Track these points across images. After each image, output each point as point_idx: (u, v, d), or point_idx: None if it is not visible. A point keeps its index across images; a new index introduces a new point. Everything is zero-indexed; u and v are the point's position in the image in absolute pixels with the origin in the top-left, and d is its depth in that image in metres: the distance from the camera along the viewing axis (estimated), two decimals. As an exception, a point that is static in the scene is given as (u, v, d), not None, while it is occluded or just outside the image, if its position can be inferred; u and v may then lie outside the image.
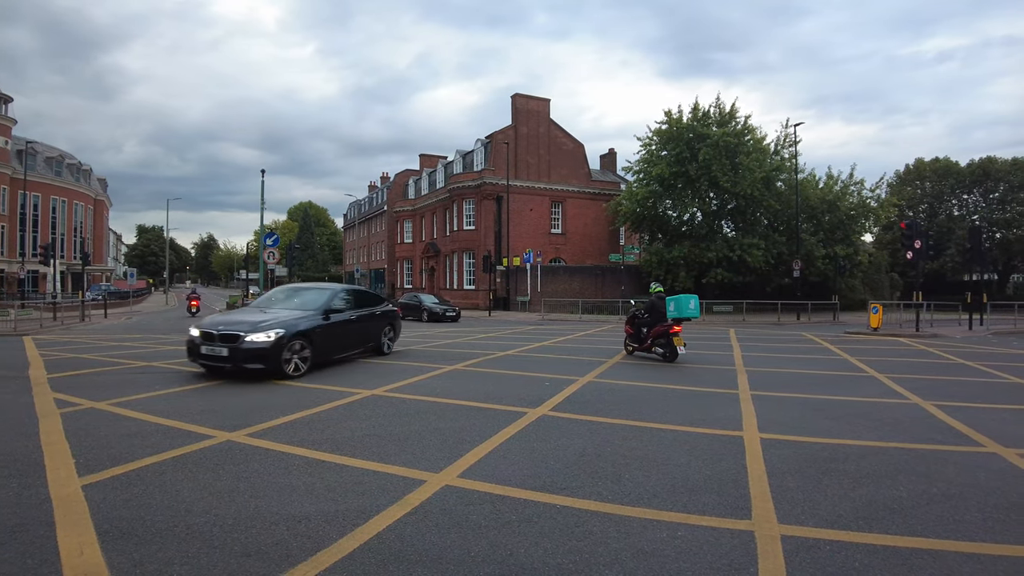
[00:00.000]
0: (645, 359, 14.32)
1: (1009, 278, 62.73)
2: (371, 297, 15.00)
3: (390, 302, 16.04)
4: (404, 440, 6.57)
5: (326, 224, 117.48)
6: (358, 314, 13.48)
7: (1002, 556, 3.93)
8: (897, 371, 12.76)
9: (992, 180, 59.50)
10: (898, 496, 5.03)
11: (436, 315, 31.34)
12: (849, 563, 3.77)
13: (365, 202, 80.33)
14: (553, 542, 4.00)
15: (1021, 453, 6.40)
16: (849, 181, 42.05)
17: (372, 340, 14.03)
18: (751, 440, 6.81)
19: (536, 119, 47.55)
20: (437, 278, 53.27)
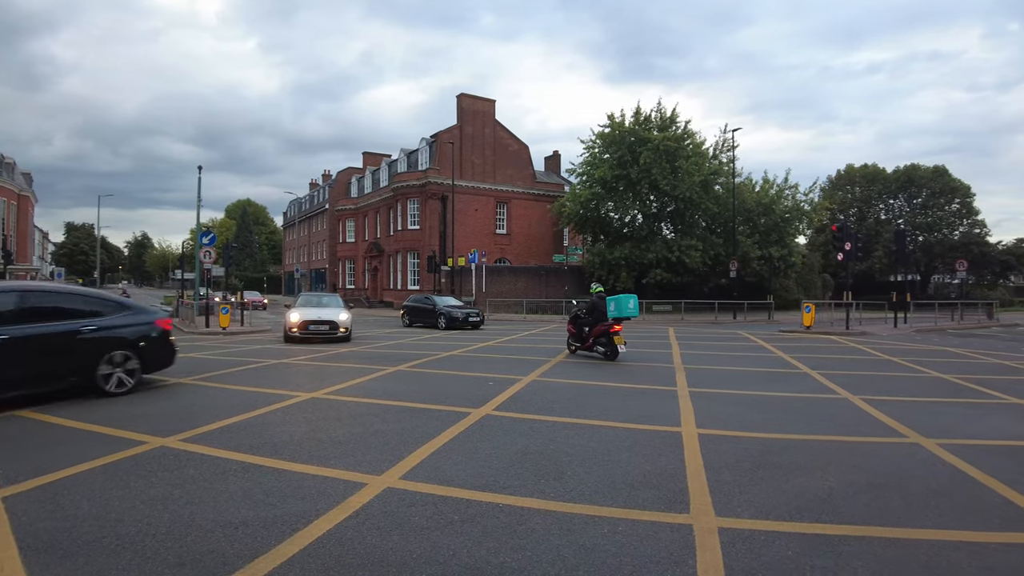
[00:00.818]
0: (587, 358, 14.53)
1: (930, 279, 66.10)
2: (72, 300, 9.54)
3: (134, 309, 10.17)
4: (345, 443, 6.51)
5: (265, 223, 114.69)
6: (26, 333, 8.36)
7: (923, 540, 4.18)
8: (828, 368, 13.31)
9: (916, 186, 62.78)
10: (828, 487, 5.27)
11: (456, 321, 25.11)
12: (783, 552, 3.93)
13: (306, 200, 78.66)
14: (496, 541, 4.04)
15: (940, 443, 6.79)
16: (784, 185, 43.63)
17: (69, 372, 8.87)
18: (689, 436, 7.01)
19: (482, 119, 47.57)
20: (380, 278, 52.69)
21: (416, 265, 46.33)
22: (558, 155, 58.37)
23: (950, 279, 63.74)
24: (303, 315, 18.58)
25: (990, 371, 13.21)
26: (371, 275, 55.13)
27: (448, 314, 25.50)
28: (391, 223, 50.22)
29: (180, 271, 41.13)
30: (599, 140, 40.89)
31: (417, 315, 27.61)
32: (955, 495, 5.10)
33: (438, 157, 45.38)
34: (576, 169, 42.72)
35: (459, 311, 25.82)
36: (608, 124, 40.41)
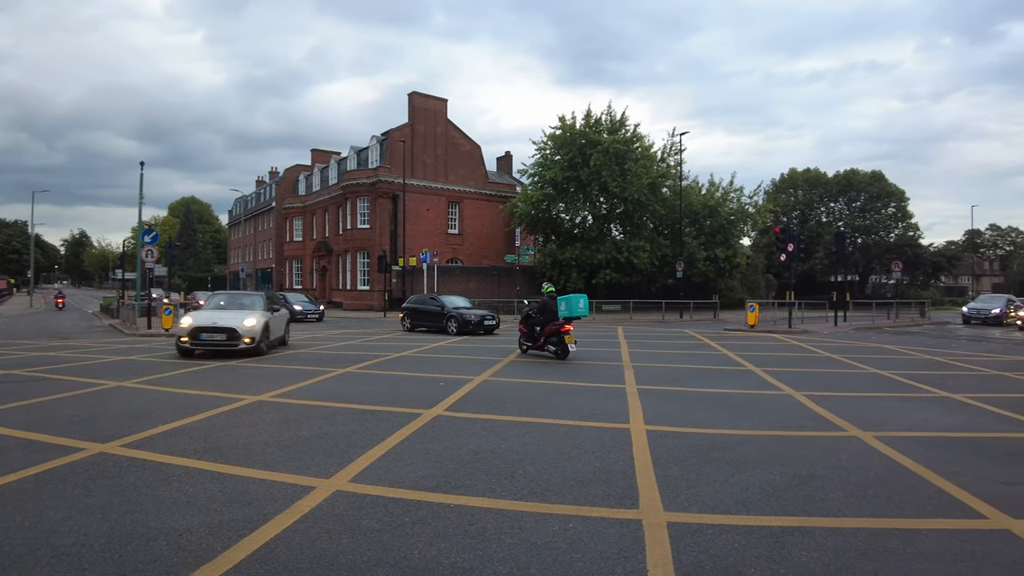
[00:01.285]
0: (538, 357, 14.61)
1: (868, 279, 68.70)
2: None
3: None
4: (292, 446, 6.39)
5: (210, 221, 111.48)
6: None
7: (861, 528, 4.36)
8: (772, 365, 13.71)
9: (855, 190, 65.22)
10: (772, 480, 5.44)
11: (468, 325, 22.00)
12: (730, 545, 4.03)
13: (252, 198, 76.74)
14: (447, 541, 4.03)
15: (877, 436, 7.08)
16: (729, 188, 44.77)
17: None
18: (638, 432, 7.12)
19: (434, 118, 47.28)
20: (329, 278, 51.84)
21: (366, 265, 45.73)
22: (510, 156, 58.48)
23: (886, 279, 66.40)
24: (196, 320, 14.51)
25: (922, 367, 13.83)
26: (319, 275, 54.19)
27: (460, 317, 22.20)
28: (340, 222, 49.44)
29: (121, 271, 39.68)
30: (550, 142, 41.16)
31: (421, 318, 24.19)
32: (890, 485, 5.32)
33: (389, 155, 44.91)
34: (528, 170, 42.91)
35: (472, 313, 22.57)
36: (559, 126, 40.71)
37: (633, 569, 3.66)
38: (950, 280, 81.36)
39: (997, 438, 7.23)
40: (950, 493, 5.11)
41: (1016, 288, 69.86)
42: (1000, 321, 31.51)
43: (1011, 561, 3.87)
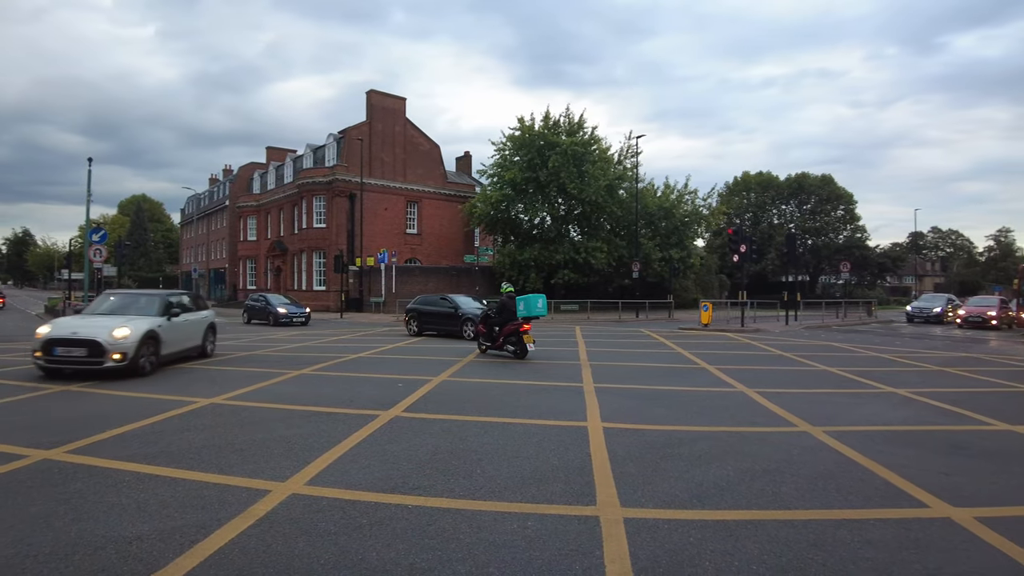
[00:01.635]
0: (497, 357, 14.62)
1: (818, 279, 70.67)
2: None
3: None
4: (247, 450, 6.26)
5: (162, 220, 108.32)
6: None
7: (812, 520, 4.50)
8: (725, 363, 13.99)
9: (805, 193, 67.17)
10: (726, 475, 5.56)
11: None
12: (685, 539, 4.11)
13: (205, 196, 74.87)
14: (406, 543, 4.00)
15: (827, 430, 7.31)
16: (684, 191, 45.64)
17: None
18: (595, 430, 7.20)
19: (392, 117, 46.86)
20: (284, 278, 50.90)
21: (322, 265, 45.05)
22: (469, 156, 58.35)
23: (835, 279, 68.39)
24: (54, 329, 11.28)
25: (869, 363, 14.29)
26: (274, 275, 53.15)
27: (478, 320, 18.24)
28: (296, 221, 48.58)
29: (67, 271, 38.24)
30: (509, 143, 41.24)
31: (430, 320, 21.59)
32: (839, 477, 5.49)
33: (346, 154, 44.33)
34: (487, 171, 42.90)
35: None
36: (518, 127, 40.81)
37: (591, 565, 3.69)
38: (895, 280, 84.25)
39: (939, 431, 7.52)
40: (895, 484, 5.30)
41: (956, 288, 72.96)
42: (941, 319, 32.80)
43: (951, 547, 4.05)
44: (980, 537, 4.19)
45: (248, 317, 29.87)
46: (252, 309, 29.95)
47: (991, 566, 3.79)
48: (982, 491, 5.19)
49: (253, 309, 29.83)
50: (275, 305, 28.44)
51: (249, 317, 29.77)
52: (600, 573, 3.60)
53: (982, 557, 3.90)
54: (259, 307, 29.46)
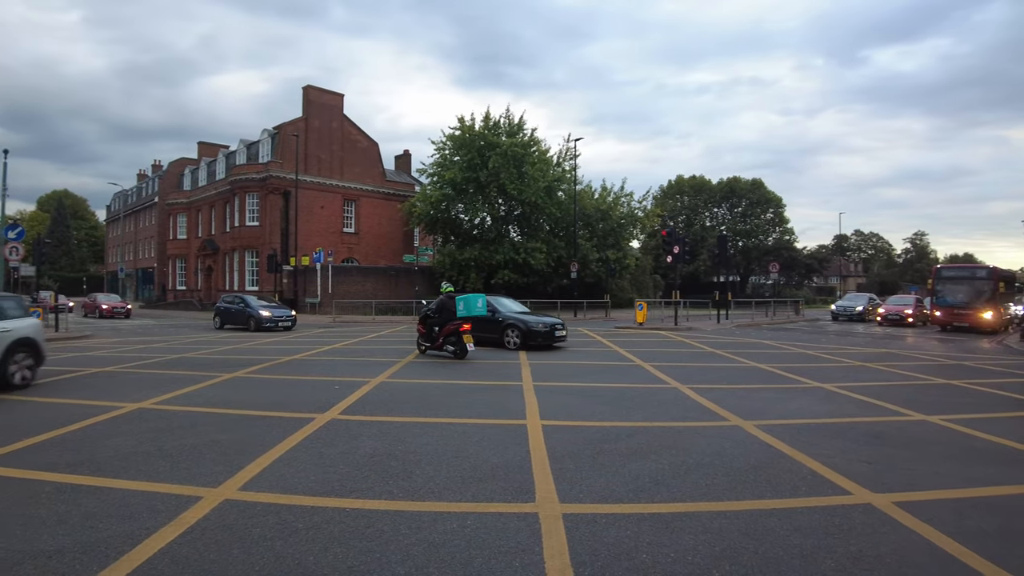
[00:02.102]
0: (437, 357, 14.55)
1: (748, 279, 73.19)
2: None
3: None
4: (177, 455, 6.04)
5: (85, 217, 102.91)
6: None
7: (743, 510, 4.66)
8: (659, 360, 14.31)
9: (737, 197, 69.49)
10: (661, 469, 5.70)
11: (536, 337, 16.74)
12: (623, 532, 4.20)
13: (133, 193, 71.67)
14: (343, 546, 3.94)
15: (757, 424, 7.57)
16: (620, 193, 46.51)
17: None
18: (534, 428, 7.26)
19: (329, 113, 45.99)
20: (215, 279, 49.29)
21: (255, 264, 43.86)
22: (408, 154, 57.82)
23: (765, 280, 70.98)
24: None
25: (796, 360, 14.88)
26: (205, 275, 51.42)
27: (523, 326, 16.78)
28: (228, 219, 47.11)
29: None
30: (450, 142, 41.08)
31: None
32: (769, 469, 5.71)
33: (281, 150, 43.26)
34: (427, 170, 42.60)
35: (537, 321, 17.18)
36: (458, 127, 40.70)
37: (531, 561, 3.72)
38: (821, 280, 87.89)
39: (861, 422, 7.89)
40: (821, 474, 5.55)
41: (876, 288, 76.86)
42: (863, 317, 34.43)
43: (872, 531, 4.28)
44: (898, 521, 4.44)
45: (221, 322, 26.93)
46: (227, 312, 26.83)
47: (907, 547, 4.02)
48: (900, 478, 5.48)
49: (228, 312, 26.76)
50: (256, 308, 25.61)
51: (222, 321, 26.86)
52: (540, 569, 3.63)
53: (900, 539, 4.13)
54: (235, 310, 26.41)
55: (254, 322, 24.99)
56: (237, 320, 26.10)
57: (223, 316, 27.00)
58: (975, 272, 28.01)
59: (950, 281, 27.03)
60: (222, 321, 26.91)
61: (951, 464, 5.98)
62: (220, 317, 27.15)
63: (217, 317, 27.43)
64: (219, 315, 27.35)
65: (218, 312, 27.65)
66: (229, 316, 26.68)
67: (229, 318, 26.65)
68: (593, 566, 3.68)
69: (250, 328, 24.95)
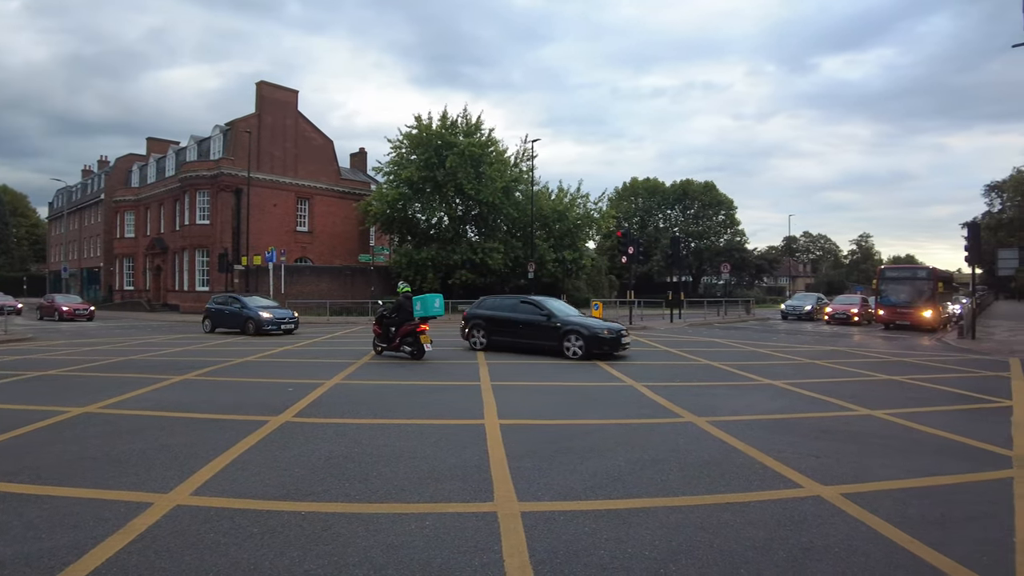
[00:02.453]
0: (394, 358, 14.43)
1: (700, 280, 74.45)
2: None
3: None
4: (125, 461, 5.86)
5: (26, 214, 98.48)
6: None
7: (698, 505, 4.78)
8: (615, 359, 14.45)
9: (689, 199, 70.80)
10: (617, 466, 5.78)
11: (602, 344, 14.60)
12: (581, 529, 4.24)
13: (78, 189, 68.88)
14: (300, 550, 3.89)
15: (710, 420, 7.75)
16: (576, 195, 46.79)
17: None
18: (492, 427, 7.28)
19: (283, 110, 45.09)
20: (164, 279, 47.90)
21: (206, 264, 42.73)
22: (364, 153, 57.08)
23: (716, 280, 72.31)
24: None
25: (747, 357, 15.23)
26: (153, 275, 49.90)
27: (589, 332, 14.70)
28: (178, 217, 45.78)
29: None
30: (406, 141, 40.74)
31: (504, 331, 16.33)
32: (722, 464, 5.85)
33: (233, 147, 42.25)
34: (383, 168, 42.13)
35: (602, 328, 15.04)
36: (415, 126, 40.39)
37: (490, 560, 3.74)
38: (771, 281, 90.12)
39: (810, 418, 8.13)
40: (772, 468, 5.71)
41: (824, 288, 79.28)
42: (812, 316, 35.42)
43: (822, 522, 4.43)
44: (846, 512, 4.61)
45: (212, 325, 24.05)
46: (219, 315, 23.94)
47: (855, 536, 4.17)
48: (847, 470, 5.67)
49: (220, 315, 23.84)
50: (255, 309, 22.68)
51: (213, 325, 23.97)
52: (499, 568, 3.65)
53: (848, 529, 4.29)
54: (229, 312, 23.53)
55: (253, 325, 22.22)
56: (231, 323, 23.37)
57: (215, 319, 24.07)
58: (916, 273, 29.08)
59: (893, 281, 28.01)
60: (213, 324, 24.03)
61: (894, 456, 6.21)
62: (211, 320, 24.24)
63: (207, 320, 24.49)
64: (209, 317, 24.41)
65: (208, 314, 24.61)
66: (221, 319, 23.83)
67: (221, 321, 23.84)
68: (552, 564, 3.71)
69: (248, 332, 22.31)
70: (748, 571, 3.65)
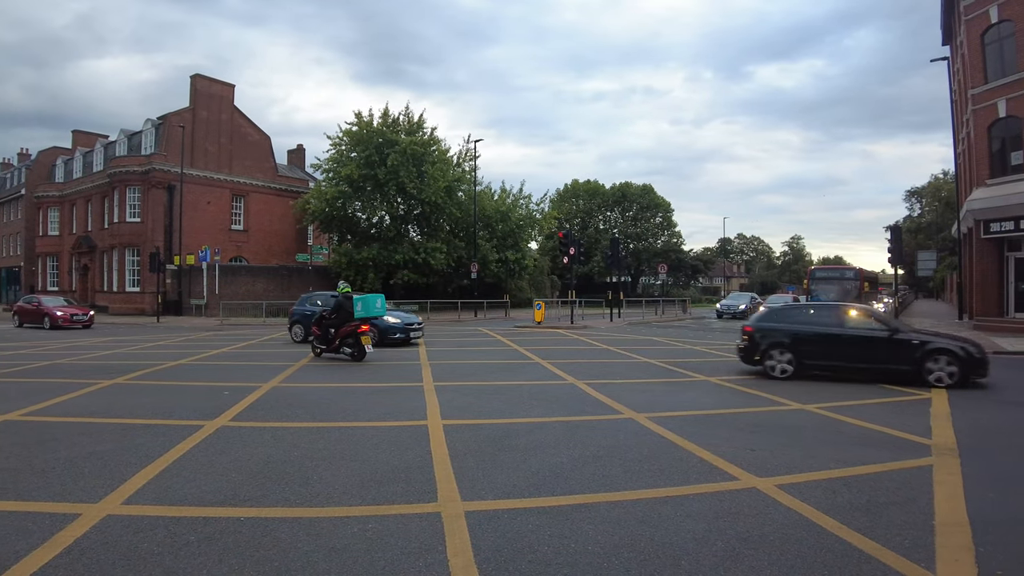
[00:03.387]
0: (334, 360, 14.21)
1: (639, 280, 75.94)
2: None
3: None
4: (50, 471, 5.59)
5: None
6: None
7: (639, 499, 4.88)
8: (557, 357, 14.64)
9: (628, 201, 72.20)
10: (560, 462, 5.86)
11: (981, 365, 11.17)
12: (525, 526, 4.29)
13: (-5, 184, 65.15)
14: (239, 556, 3.80)
15: (649, 416, 7.93)
16: (519, 196, 47.13)
17: None
18: (435, 428, 7.26)
19: (219, 104, 43.69)
20: (92, 279, 45.75)
21: (136, 264, 41.03)
22: (303, 149, 55.92)
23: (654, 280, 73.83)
24: None
25: (684, 355, 15.63)
26: (80, 275, 47.60)
27: (966, 353, 10.92)
28: (106, 214, 43.77)
29: None
30: (346, 138, 40.10)
31: (819, 351, 12.07)
32: (662, 459, 6.00)
33: (165, 142, 40.69)
34: (322, 165, 41.29)
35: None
36: (356, 123, 39.80)
37: (434, 560, 3.74)
38: (707, 281, 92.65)
39: (744, 412, 8.41)
40: (709, 462, 5.89)
41: (758, 288, 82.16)
42: (746, 315, 36.51)
43: (757, 512, 4.61)
44: (780, 502, 4.80)
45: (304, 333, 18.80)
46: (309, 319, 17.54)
47: (789, 524, 4.35)
48: (781, 463, 5.90)
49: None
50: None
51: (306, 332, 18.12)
52: (443, 567, 3.65)
53: (782, 518, 4.47)
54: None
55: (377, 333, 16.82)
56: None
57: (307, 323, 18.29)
58: (844, 273, 30.43)
59: (823, 281, 29.23)
60: (306, 332, 18.50)
61: (824, 448, 6.50)
62: (301, 325, 19.40)
63: (297, 326, 19.73)
64: (299, 322, 19.62)
65: (297, 319, 19.86)
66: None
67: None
68: (496, 561, 3.74)
69: None
70: (688, 562, 3.77)
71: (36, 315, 27.65)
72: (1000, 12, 21.85)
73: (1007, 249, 22.64)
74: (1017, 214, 21.17)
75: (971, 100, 23.49)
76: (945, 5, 29.50)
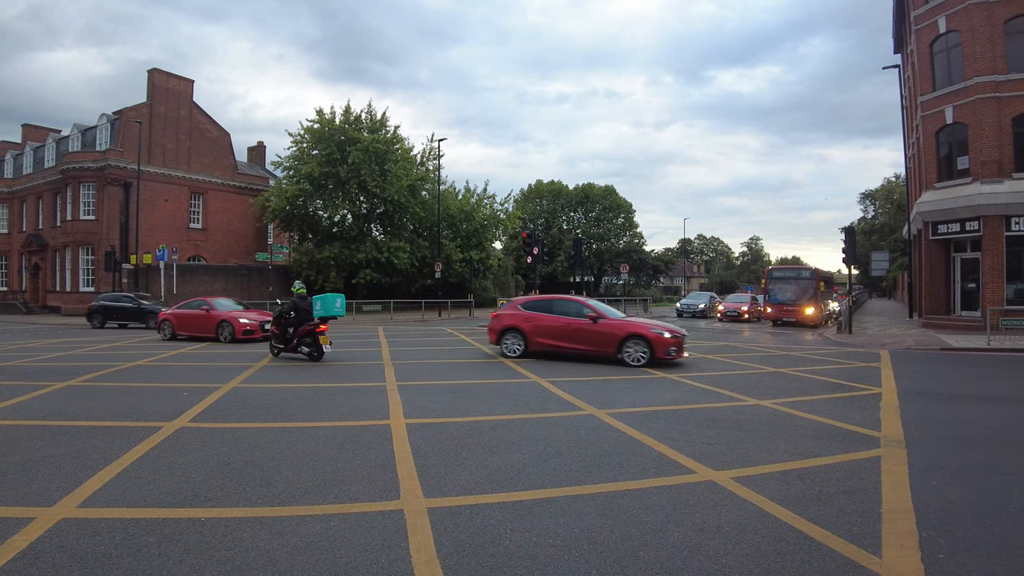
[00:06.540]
0: (292, 360, 14.07)
1: (602, 279, 76.66)
2: None
3: None
4: (1, 475, 5.46)
5: None
6: None
7: (599, 492, 5.00)
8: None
9: (591, 202, 72.85)
10: (522, 459, 5.94)
11: None
12: (487, 522, 4.35)
13: (-67, 179, 62.56)
14: (199, 557, 3.78)
15: (609, 413, 8.08)
16: (483, 195, 47.19)
17: None
18: (398, 427, 7.28)
19: (177, 100, 42.74)
20: (43, 278, 44.32)
21: (91, 263, 39.89)
22: (263, 146, 55.10)
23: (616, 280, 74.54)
24: None
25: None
26: (31, 275, 46.06)
27: None
28: (58, 211, 42.43)
29: None
30: (308, 135, 39.62)
31: None
32: (621, 453, 6.13)
33: (122, 137, 39.63)
34: (283, 163, 40.72)
35: None
36: (317, 120, 39.35)
37: (397, 556, 3.78)
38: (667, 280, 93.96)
39: (702, 408, 8.61)
40: (667, 456, 6.04)
41: (717, 287, 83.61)
42: (705, 314, 37.26)
43: (714, 504, 4.75)
44: (736, 494, 4.95)
45: None
46: None
47: (744, 515, 4.50)
48: (736, 456, 6.08)
49: None
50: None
51: None
52: (406, 563, 3.70)
53: (738, 510, 4.62)
54: None
55: None
56: None
57: None
58: (800, 273, 31.11)
59: (780, 281, 29.88)
60: None
61: (779, 441, 6.71)
62: None
63: None
64: None
65: None
66: None
67: None
68: (459, 556, 3.79)
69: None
70: (646, 553, 3.87)
71: None
72: (948, 23, 22.71)
73: (953, 250, 23.54)
74: (962, 216, 22.04)
75: (920, 107, 24.35)
76: (897, 14, 30.51)
